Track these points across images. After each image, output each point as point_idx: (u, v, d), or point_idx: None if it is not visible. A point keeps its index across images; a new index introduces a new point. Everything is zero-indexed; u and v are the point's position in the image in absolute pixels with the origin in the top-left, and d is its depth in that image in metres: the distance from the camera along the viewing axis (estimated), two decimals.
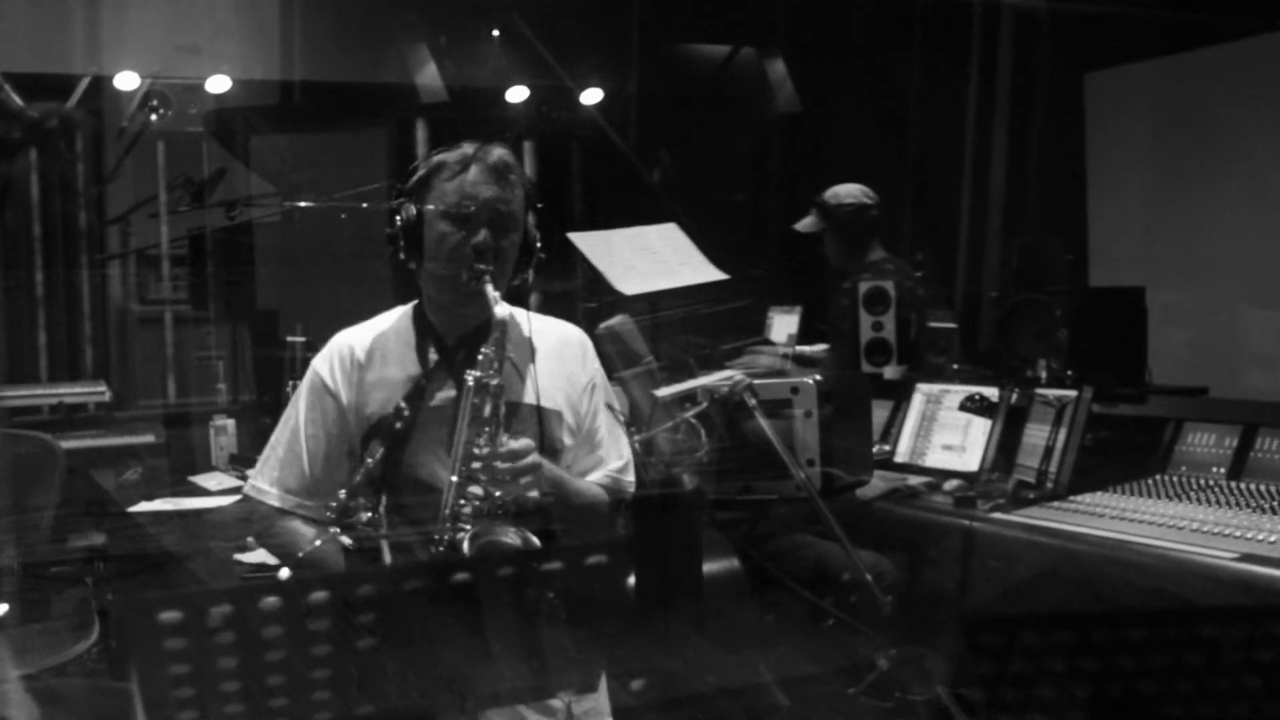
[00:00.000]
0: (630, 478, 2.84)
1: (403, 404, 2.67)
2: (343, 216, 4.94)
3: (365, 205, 4.92)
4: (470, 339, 2.72)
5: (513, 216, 2.66)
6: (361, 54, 6.45)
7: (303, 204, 5.02)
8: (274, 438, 2.79)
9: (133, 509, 4.28)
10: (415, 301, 2.80)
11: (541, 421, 2.69)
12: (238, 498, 4.38)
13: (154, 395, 6.72)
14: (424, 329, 2.75)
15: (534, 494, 2.57)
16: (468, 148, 2.68)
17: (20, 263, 6.47)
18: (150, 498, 4.42)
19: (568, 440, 2.74)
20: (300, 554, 2.70)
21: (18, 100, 5.10)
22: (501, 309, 2.56)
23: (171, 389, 6.81)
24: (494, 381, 2.54)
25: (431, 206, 2.65)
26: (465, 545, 2.48)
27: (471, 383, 2.54)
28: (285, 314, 5.81)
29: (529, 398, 2.68)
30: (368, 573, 2.37)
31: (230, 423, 4.95)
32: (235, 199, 5.41)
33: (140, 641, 1.42)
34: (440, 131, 6.98)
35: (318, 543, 2.68)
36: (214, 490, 4.49)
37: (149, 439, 5.33)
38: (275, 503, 2.73)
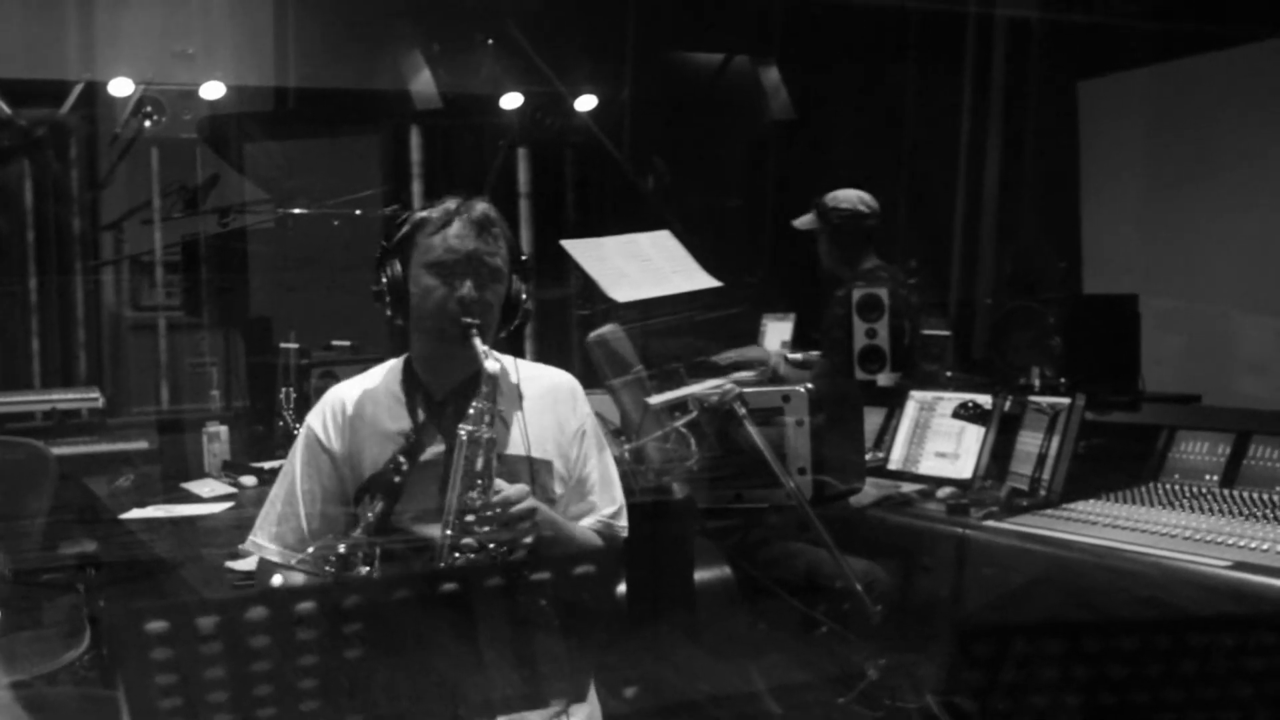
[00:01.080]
0: (623, 523, 2.87)
1: (394, 459, 2.70)
2: (336, 223, 4.96)
3: (358, 212, 4.94)
4: (458, 392, 2.74)
5: (496, 270, 2.68)
6: (355, 61, 6.45)
7: (296, 211, 5.03)
8: (273, 493, 2.83)
9: (125, 516, 4.27)
10: (406, 355, 2.83)
11: (533, 472, 2.71)
12: (230, 504, 4.38)
13: (147, 402, 6.72)
14: (413, 383, 2.78)
15: (528, 540, 2.58)
16: (450, 203, 2.71)
17: (13, 269, 6.47)
18: (142, 505, 4.40)
19: (559, 489, 2.77)
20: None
21: (6, 109, 5.10)
22: (491, 362, 2.58)
23: (165, 395, 6.81)
24: (486, 435, 2.56)
25: (416, 261, 2.68)
26: None
27: (464, 436, 2.56)
28: (278, 321, 5.81)
29: (519, 449, 2.71)
30: (357, 583, 2.38)
31: (223, 429, 4.94)
32: (229, 206, 5.42)
33: (128, 651, 1.41)
34: (434, 138, 6.99)
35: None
36: (206, 497, 4.49)
37: (142, 445, 5.32)
38: (274, 558, 2.76)
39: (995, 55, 6.26)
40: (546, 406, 2.80)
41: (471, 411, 2.57)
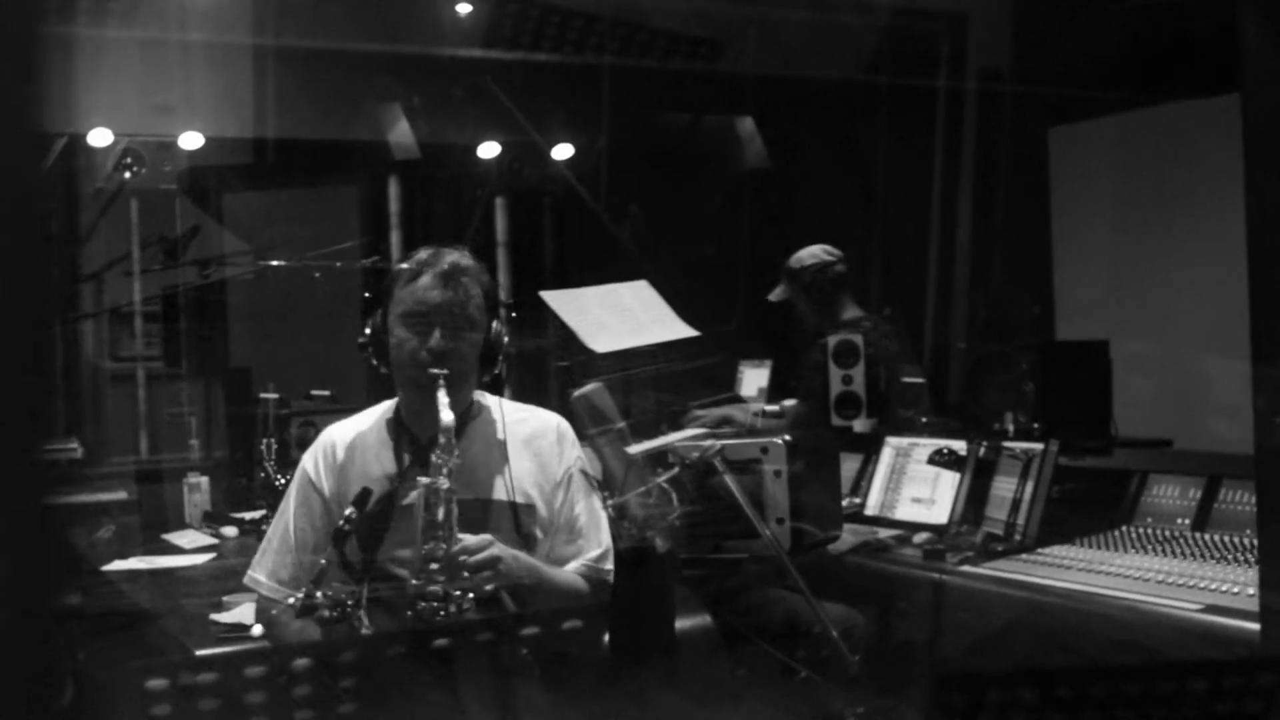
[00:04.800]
0: (609, 565, 2.92)
1: (379, 500, 2.75)
2: (316, 275, 4.97)
3: (338, 264, 4.95)
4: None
5: (467, 318, 2.75)
6: (334, 112, 6.48)
7: (275, 263, 5.05)
8: (270, 529, 2.93)
9: (105, 567, 4.26)
10: (396, 399, 2.90)
11: (516, 517, 2.78)
12: (212, 555, 4.38)
13: (126, 452, 6.70)
14: (399, 429, 2.85)
15: (490, 587, 2.63)
16: (423, 254, 2.79)
17: None
18: (123, 556, 4.39)
19: (540, 533, 2.82)
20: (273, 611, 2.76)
21: None
22: (447, 414, 2.64)
23: (144, 446, 6.79)
24: (444, 486, 2.62)
25: (392, 313, 2.77)
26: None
27: (421, 489, 2.62)
28: (258, 371, 5.81)
29: (502, 494, 2.79)
30: (348, 640, 2.41)
31: (204, 480, 4.94)
32: (209, 257, 5.43)
33: (124, 708, 1.43)
34: (413, 189, 7.02)
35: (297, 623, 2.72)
36: (187, 548, 4.48)
37: (121, 496, 5.29)
38: (268, 593, 2.85)
39: (967, 101, 6.32)
40: (530, 452, 2.85)
41: (432, 463, 2.63)
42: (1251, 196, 2.14)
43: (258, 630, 3.07)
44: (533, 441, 2.87)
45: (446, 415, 2.64)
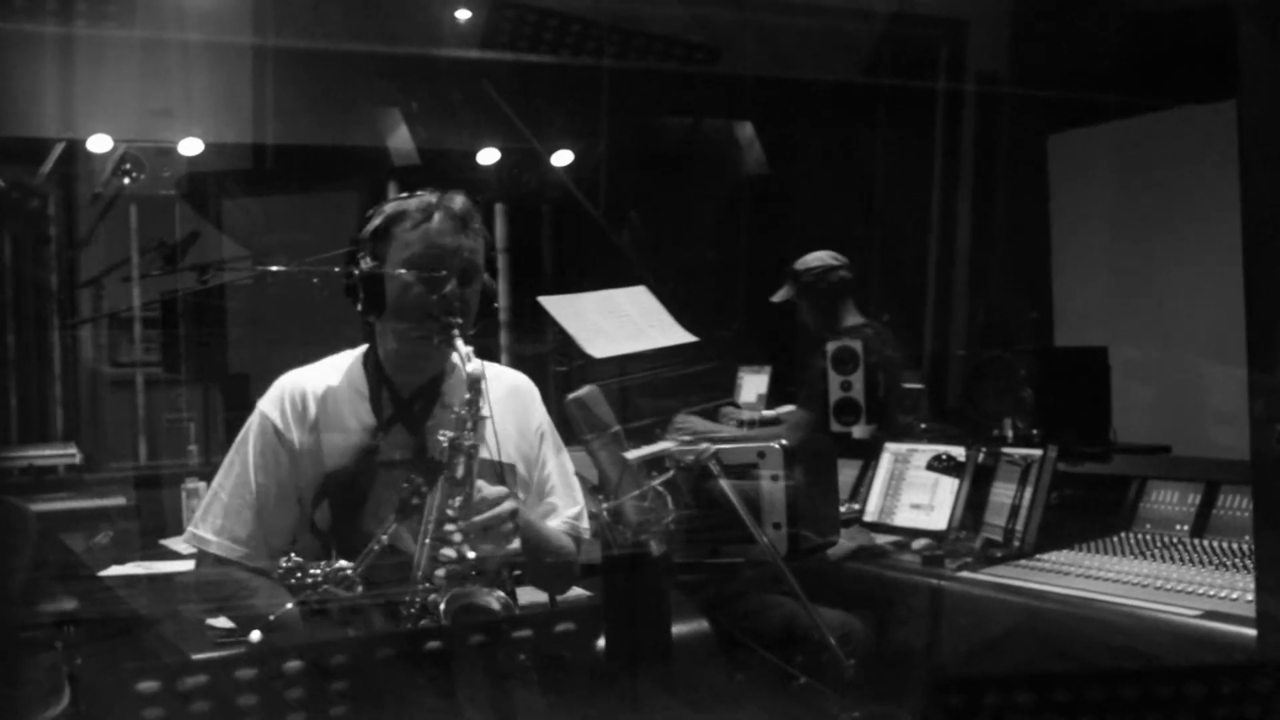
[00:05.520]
0: (586, 524, 2.85)
1: (359, 457, 2.62)
2: (315, 281, 4.97)
3: (337, 270, 4.94)
4: (425, 391, 2.69)
5: (476, 266, 2.62)
6: (333, 118, 6.48)
7: (275, 268, 5.05)
8: (217, 483, 2.70)
9: (103, 573, 4.25)
10: (364, 348, 2.74)
11: (501, 476, 2.65)
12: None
13: (125, 457, 6.69)
14: (378, 380, 2.68)
15: (514, 545, 2.53)
16: (429, 195, 2.63)
17: None
18: (121, 561, 4.38)
19: (521, 493, 2.72)
20: (271, 616, 2.70)
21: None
22: (475, 364, 2.50)
23: (143, 451, 6.79)
24: (468, 442, 2.49)
25: (394, 256, 2.60)
26: (442, 608, 2.42)
27: (446, 443, 2.49)
28: (257, 377, 5.81)
29: (487, 453, 2.61)
30: (342, 641, 2.37)
31: (202, 485, 4.92)
32: (208, 263, 5.43)
33: (119, 713, 1.43)
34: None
35: (289, 606, 2.67)
36: (185, 554, 4.46)
37: (120, 501, 5.29)
38: (220, 552, 2.65)
39: (966, 106, 6.33)
40: (509, 409, 2.73)
41: (454, 417, 2.50)
42: (1247, 202, 2.14)
43: (255, 635, 3.02)
44: (507, 400, 2.75)
45: (473, 365, 2.49)
